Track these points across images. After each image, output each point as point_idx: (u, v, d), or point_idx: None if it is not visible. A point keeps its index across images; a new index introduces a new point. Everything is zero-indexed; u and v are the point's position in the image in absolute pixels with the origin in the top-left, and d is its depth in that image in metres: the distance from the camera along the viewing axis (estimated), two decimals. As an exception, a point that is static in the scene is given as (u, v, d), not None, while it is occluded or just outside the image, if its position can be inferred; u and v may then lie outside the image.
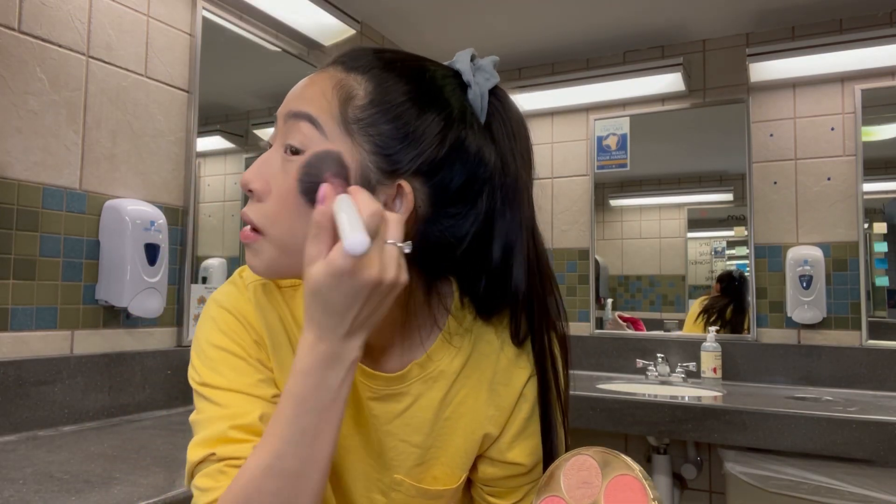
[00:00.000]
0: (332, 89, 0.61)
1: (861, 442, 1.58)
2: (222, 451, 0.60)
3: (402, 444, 0.69)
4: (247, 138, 1.93)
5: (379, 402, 0.68)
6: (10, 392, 1.24)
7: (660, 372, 2.30)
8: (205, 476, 0.60)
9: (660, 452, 2.11)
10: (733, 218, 2.35)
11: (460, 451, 0.70)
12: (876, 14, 2.14)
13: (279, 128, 0.63)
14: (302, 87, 0.63)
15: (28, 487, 0.94)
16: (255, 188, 0.60)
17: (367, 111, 0.59)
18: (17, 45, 1.30)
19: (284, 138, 0.61)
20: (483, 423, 0.70)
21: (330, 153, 0.59)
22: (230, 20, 1.81)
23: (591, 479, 0.64)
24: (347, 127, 0.59)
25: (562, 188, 2.62)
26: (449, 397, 0.69)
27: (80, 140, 1.42)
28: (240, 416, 0.61)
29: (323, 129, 0.59)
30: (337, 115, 0.59)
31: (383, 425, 0.68)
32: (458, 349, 0.69)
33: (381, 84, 0.61)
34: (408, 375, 0.68)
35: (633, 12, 2.19)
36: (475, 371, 0.70)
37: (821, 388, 2.09)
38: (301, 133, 0.59)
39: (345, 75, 0.62)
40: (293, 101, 0.62)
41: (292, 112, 0.61)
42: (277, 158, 0.61)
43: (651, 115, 2.47)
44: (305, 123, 0.59)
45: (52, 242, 1.35)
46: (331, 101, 0.60)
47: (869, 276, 2.12)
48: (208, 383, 0.64)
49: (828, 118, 2.20)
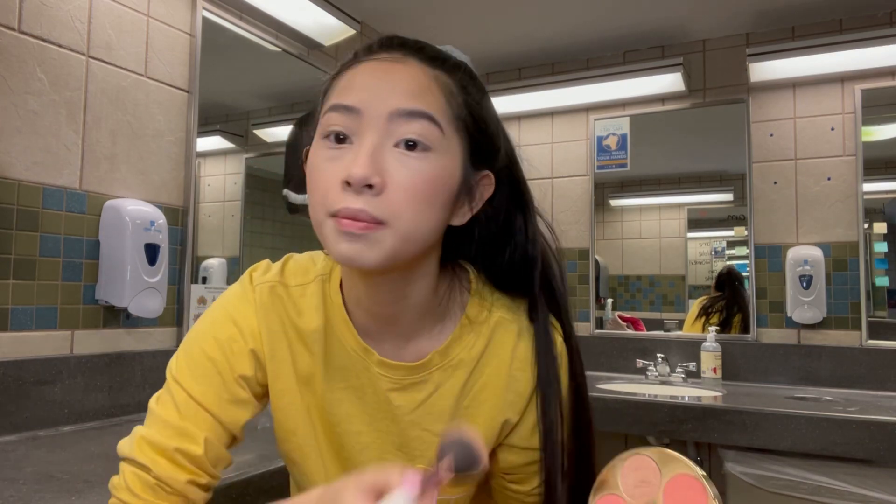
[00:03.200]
0: (437, 87, 0.62)
1: (861, 442, 1.58)
2: (159, 469, 0.64)
3: (425, 434, 0.70)
4: (247, 138, 1.93)
5: (401, 393, 0.70)
6: (10, 392, 1.24)
7: (660, 372, 2.30)
8: (137, 479, 0.64)
9: (660, 452, 2.11)
10: (733, 218, 2.35)
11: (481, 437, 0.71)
12: (876, 14, 2.14)
13: (379, 125, 0.60)
14: (397, 81, 0.61)
15: (28, 487, 0.94)
16: (375, 182, 0.58)
17: (463, 109, 0.64)
18: (17, 45, 1.30)
19: (393, 134, 0.60)
20: (503, 409, 0.71)
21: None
22: (230, 20, 1.81)
23: (649, 478, 0.64)
24: (456, 124, 0.63)
25: (562, 188, 2.62)
26: (469, 385, 0.71)
27: (80, 140, 1.42)
28: (189, 438, 0.65)
29: (443, 128, 0.61)
30: (448, 113, 0.62)
31: (406, 415, 0.70)
32: (477, 336, 0.71)
33: (466, 84, 0.65)
34: (429, 364, 0.69)
35: (633, 12, 2.19)
36: (494, 358, 0.71)
37: (821, 388, 2.09)
38: (421, 128, 0.60)
39: (437, 72, 0.63)
40: (399, 97, 0.60)
41: (407, 110, 0.60)
42: (388, 153, 0.60)
43: (651, 115, 2.47)
44: (424, 121, 0.60)
45: (52, 242, 1.35)
46: (438, 98, 0.62)
47: (869, 276, 2.12)
48: (181, 383, 0.68)
49: (828, 118, 2.20)
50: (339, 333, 0.70)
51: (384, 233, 0.59)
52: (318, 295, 0.71)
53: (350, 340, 0.70)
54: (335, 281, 0.72)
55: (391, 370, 0.69)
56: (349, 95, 0.61)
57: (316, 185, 0.61)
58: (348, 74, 0.64)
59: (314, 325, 0.70)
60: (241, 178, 1.89)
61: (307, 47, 2.08)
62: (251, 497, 1.03)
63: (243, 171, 1.90)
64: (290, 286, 0.72)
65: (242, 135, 1.91)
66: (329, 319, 0.70)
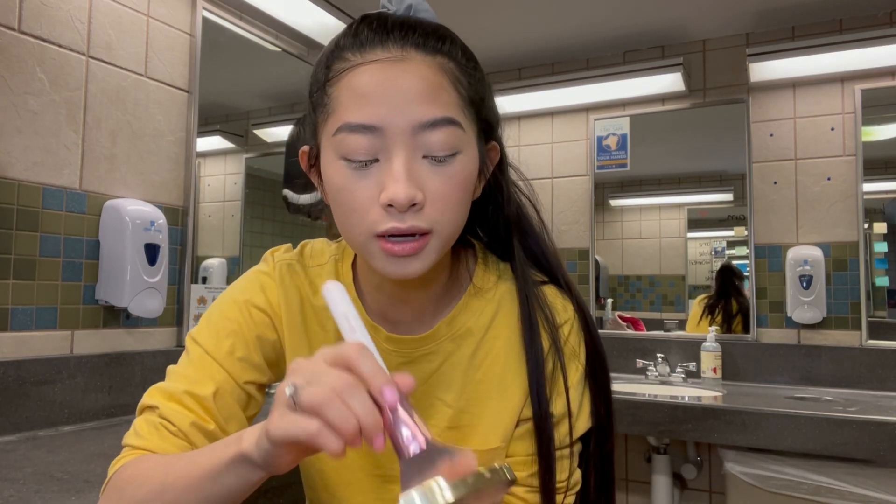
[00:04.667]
0: (446, 79, 0.62)
1: (861, 442, 1.58)
2: (166, 409, 0.65)
3: (438, 403, 0.71)
4: (247, 138, 1.93)
5: (411, 366, 0.71)
6: (10, 392, 1.24)
7: (660, 372, 2.30)
8: (144, 421, 0.66)
9: (660, 452, 2.11)
10: (733, 218, 2.35)
11: (493, 416, 0.70)
12: (876, 14, 2.14)
13: (405, 140, 0.59)
14: (410, 87, 0.59)
15: (28, 487, 0.94)
16: (419, 200, 0.59)
17: (470, 90, 0.64)
18: (17, 45, 1.30)
19: (421, 146, 0.60)
20: (518, 381, 0.70)
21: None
22: (230, 20, 1.81)
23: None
24: (468, 111, 0.64)
25: (562, 188, 2.62)
26: (478, 357, 0.71)
27: (80, 140, 1.42)
28: (199, 384, 0.67)
29: (462, 126, 0.62)
30: (461, 103, 0.63)
31: (418, 386, 0.70)
32: (485, 303, 0.72)
33: (466, 65, 0.65)
34: (436, 334, 0.71)
35: (633, 12, 2.19)
36: (504, 329, 0.71)
37: (821, 388, 2.09)
38: (447, 136, 0.60)
39: (440, 59, 0.62)
40: (418, 108, 0.59)
41: (430, 122, 0.59)
42: (420, 165, 0.60)
43: (651, 115, 2.47)
44: (448, 127, 0.60)
45: (52, 242, 1.35)
46: (451, 92, 0.62)
47: (869, 276, 2.12)
48: (197, 341, 0.71)
49: (828, 118, 2.20)
50: None
51: (431, 243, 0.61)
52: (332, 275, 0.74)
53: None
54: (348, 261, 0.75)
55: (399, 344, 0.71)
56: (364, 112, 0.59)
57: (350, 206, 0.61)
58: (352, 83, 0.60)
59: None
60: (241, 178, 1.89)
61: (307, 47, 2.08)
62: (251, 497, 1.03)
63: (243, 171, 1.90)
64: (307, 266, 0.75)
65: (242, 135, 1.91)
66: None
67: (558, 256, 0.76)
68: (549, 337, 0.70)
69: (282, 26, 1.95)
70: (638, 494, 2.35)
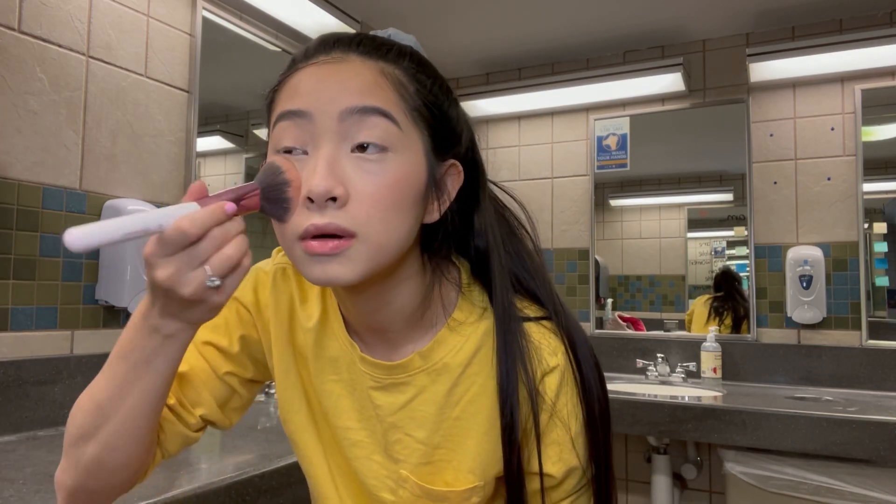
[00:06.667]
0: (385, 81, 0.59)
1: (861, 442, 1.58)
2: None
3: (407, 438, 0.68)
4: (247, 138, 1.93)
5: (382, 392, 0.68)
6: (10, 392, 1.24)
7: (660, 372, 2.30)
8: None
9: (660, 452, 2.11)
10: (733, 218, 2.35)
11: (472, 454, 0.67)
12: (876, 14, 2.14)
13: (332, 129, 0.57)
14: (343, 80, 0.58)
15: (28, 487, 0.94)
16: (339, 194, 0.55)
17: (417, 99, 0.60)
18: (17, 45, 1.30)
19: (349, 137, 0.57)
20: (498, 424, 0.65)
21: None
22: (230, 20, 1.81)
23: None
24: (413, 116, 0.60)
25: (562, 188, 2.62)
26: (456, 394, 0.67)
27: (80, 140, 1.42)
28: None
29: (398, 123, 0.58)
30: (403, 106, 0.59)
31: (387, 416, 0.68)
32: (464, 340, 0.67)
33: (416, 73, 0.62)
34: (409, 365, 0.67)
35: (633, 12, 2.19)
36: (486, 366, 0.66)
37: (821, 388, 2.09)
38: (376, 128, 0.57)
39: (382, 64, 0.60)
40: (348, 95, 0.57)
41: (358, 108, 0.57)
42: (346, 160, 0.57)
43: (651, 115, 2.47)
44: (378, 118, 0.57)
45: (52, 242, 1.35)
46: (389, 92, 0.58)
47: (869, 276, 2.12)
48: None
49: (828, 118, 2.20)
50: (332, 325, 0.71)
51: (356, 247, 0.56)
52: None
53: (339, 333, 0.70)
54: None
55: (372, 367, 0.67)
56: (295, 100, 0.58)
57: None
58: (291, 82, 0.60)
59: (313, 313, 0.72)
60: (241, 179, 1.89)
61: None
62: (251, 497, 1.03)
63: (243, 172, 1.90)
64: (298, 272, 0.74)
65: (242, 135, 1.91)
66: (325, 310, 0.71)
67: (551, 287, 0.71)
68: (526, 390, 0.64)
69: (282, 26, 1.95)
70: (638, 494, 2.35)
